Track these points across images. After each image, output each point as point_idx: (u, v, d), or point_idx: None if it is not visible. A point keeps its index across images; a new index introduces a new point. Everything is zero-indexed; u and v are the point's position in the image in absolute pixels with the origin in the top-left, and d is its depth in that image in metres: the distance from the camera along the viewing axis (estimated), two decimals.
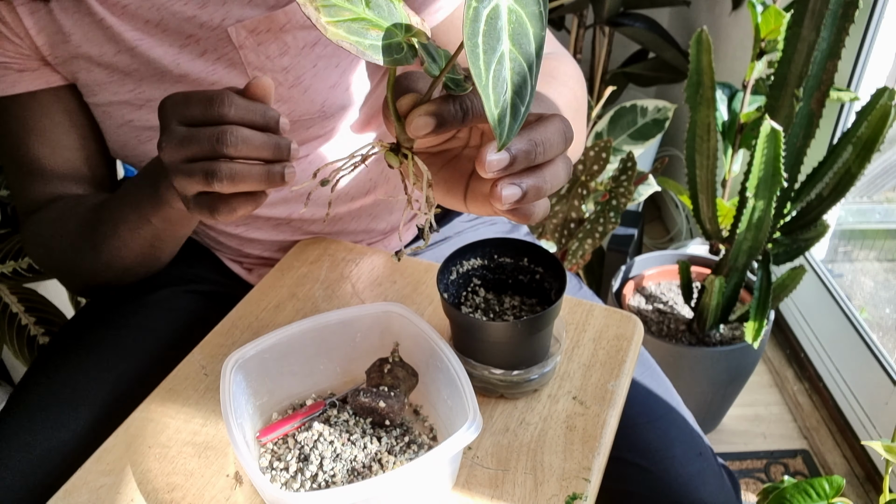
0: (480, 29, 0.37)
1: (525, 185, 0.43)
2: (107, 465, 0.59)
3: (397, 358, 0.61)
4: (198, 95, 0.53)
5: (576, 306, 0.73)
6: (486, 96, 0.37)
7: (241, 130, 0.51)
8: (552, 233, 1.29)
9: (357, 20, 0.42)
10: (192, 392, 0.65)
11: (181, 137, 0.52)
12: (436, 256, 0.89)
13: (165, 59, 0.70)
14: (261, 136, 0.52)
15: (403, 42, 0.43)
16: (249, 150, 0.51)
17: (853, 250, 1.70)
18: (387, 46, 0.42)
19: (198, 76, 0.71)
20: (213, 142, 0.51)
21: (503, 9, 0.38)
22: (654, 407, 0.74)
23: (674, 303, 1.47)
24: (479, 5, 0.37)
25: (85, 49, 0.70)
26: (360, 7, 0.42)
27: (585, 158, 1.21)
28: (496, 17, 0.38)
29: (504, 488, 0.57)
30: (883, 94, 1.02)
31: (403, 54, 0.42)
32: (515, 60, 0.38)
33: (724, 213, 1.31)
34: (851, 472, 1.40)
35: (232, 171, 0.51)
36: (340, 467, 0.56)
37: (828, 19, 0.99)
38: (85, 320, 0.81)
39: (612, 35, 1.83)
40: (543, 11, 0.40)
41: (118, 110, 0.73)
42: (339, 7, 0.42)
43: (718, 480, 0.75)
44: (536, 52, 0.39)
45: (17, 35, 0.70)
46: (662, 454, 0.72)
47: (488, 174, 0.42)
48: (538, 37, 0.39)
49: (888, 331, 1.50)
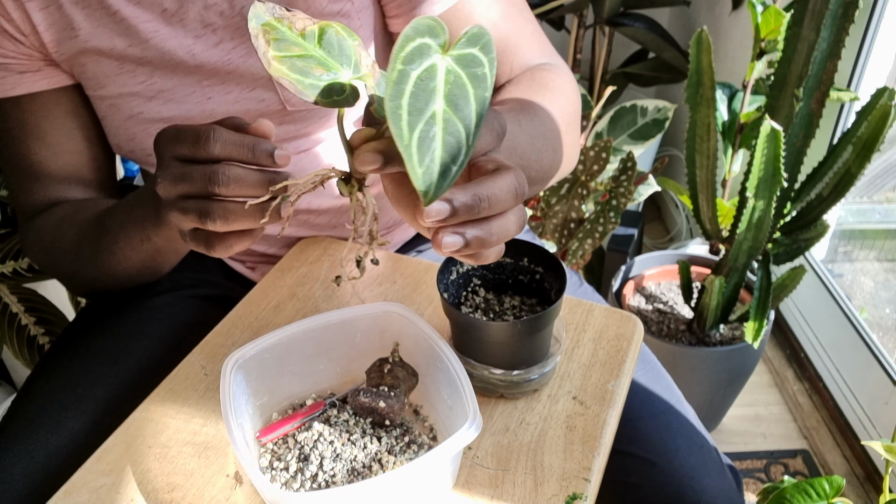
0: (406, 90, 0.37)
1: (469, 236, 0.42)
2: (107, 465, 0.59)
3: (397, 358, 0.61)
4: (186, 132, 0.52)
5: (576, 306, 0.73)
6: (409, 156, 0.37)
7: (233, 169, 0.50)
8: (552, 233, 1.29)
9: (303, 57, 0.42)
10: (192, 392, 0.65)
11: (175, 175, 0.52)
12: (437, 256, 0.89)
13: (180, 51, 0.70)
14: (253, 174, 0.51)
15: (346, 85, 0.43)
16: (242, 189, 0.50)
17: (853, 250, 1.71)
18: (328, 88, 0.42)
19: (214, 65, 0.71)
20: (205, 181, 0.50)
21: (440, 70, 0.38)
22: (655, 402, 0.75)
23: (674, 303, 1.47)
24: (405, 68, 0.37)
25: (94, 43, 0.70)
26: (311, 44, 0.43)
27: (585, 158, 1.21)
28: (430, 77, 0.38)
29: (504, 488, 0.57)
30: (883, 93, 1.02)
31: (345, 96, 0.43)
32: (450, 121, 0.38)
33: (724, 213, 1.31)
34: (851, 472, 1.40)
35: (225, 211, 0.51)
36: (340, 467, 0.56)
37: (828, 19, 0.99)
38: (86, 323, 0.81)
39: (612, 35, 1.83)
40: (489, 73, 0.40)
41: (127, 102, 0.72)
42: (290, 42, 0.42)
43: (720, 473, 0.75)
44: (478, 113, 0.39)
45: (21, 33, 0.70)
46: (665, 446, 0.72)
47: (426, 223, 0.41)
48: (480, 98, 0.39)
49: (888, 331, 1.50)
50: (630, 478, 0.72)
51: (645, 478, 0.71)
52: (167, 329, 0.79)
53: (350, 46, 0.44)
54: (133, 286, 0.79)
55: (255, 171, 0.51)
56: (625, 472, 0.71)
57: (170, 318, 0.80)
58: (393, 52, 0.38)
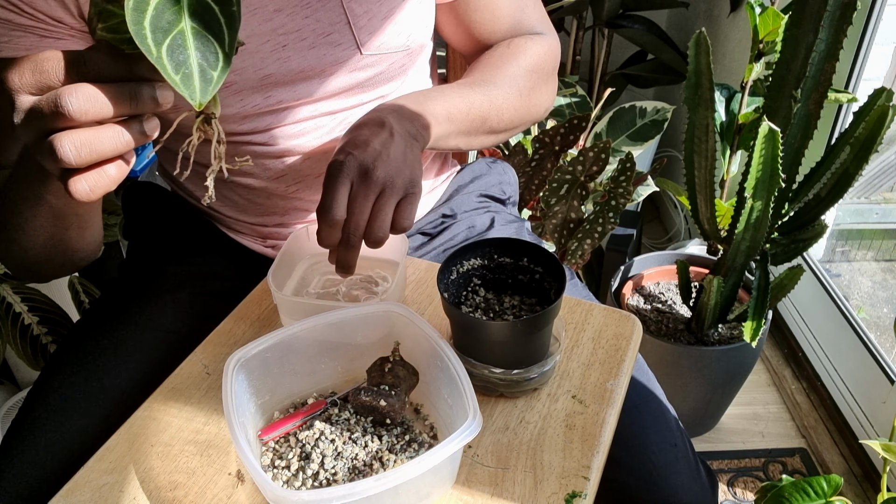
0: (147, 14, 0.41)
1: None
2: (109, 464, 0.60)
3: (398, 357, 0.62)
4: (39, 59, 0.45)
5: (575, 306, 0.74)
6: (162, 67, 0.41)
7: (83, 87, 0.43)
8: (551, 233, 1.29)
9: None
10: (195, 391, 0.66)
11: (26, 111, 0.45)
12: (437, 256, 0.90)
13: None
14: (111, 88, 0.44)
15: None
16: (99, 109, 0.43)
17: (851, 250, 1.71)
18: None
19: (292, 8, 0.72)
20: (51, 106, 0.43)
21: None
22: (630, 395, 0.74)
23: (672, 302, 1.48)
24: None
25: None
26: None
27: (585, 159, 1.22)
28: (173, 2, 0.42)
29: (504, 486, 0.57)
30: (880, 94, 1.03)
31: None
32: (199, 33, 0.42)
33: (723, 213, 1.32)
34: (849, 470, 1.40)
35: (76, 142, 0.44)
36: (341, 466, 0.57)
37: (826, 21, 0.99)
38: (95, 321, 0.81)
39: (611, 37, 1.84)
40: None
41: None
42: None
43: (693, 473, 0.75)
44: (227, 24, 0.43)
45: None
46: (635, 440, 0.72)
47: None
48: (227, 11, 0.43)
49: (885, 330, 1.51)
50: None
51: (614, 470, 0.70)
52: (173, 324, 0.79)
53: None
54: (53, 271, 0.73)
55: (111, 85, 0.44)
56: None
57: (177, 314, 0.80)
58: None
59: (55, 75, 0.44)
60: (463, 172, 0.97)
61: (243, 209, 0.86)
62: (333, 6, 0.73)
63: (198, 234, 0.89)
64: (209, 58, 0.42)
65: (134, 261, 0.91)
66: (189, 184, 0.88)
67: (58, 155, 0.44)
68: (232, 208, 0.86)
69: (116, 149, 0.45)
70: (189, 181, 0.88)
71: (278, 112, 0.77)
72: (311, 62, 0.75)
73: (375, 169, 0.62)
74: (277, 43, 0.72)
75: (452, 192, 0.95)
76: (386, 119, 0.67)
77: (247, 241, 0.88)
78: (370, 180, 0.62)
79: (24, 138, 0.47)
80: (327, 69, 0.76)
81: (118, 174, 0.47)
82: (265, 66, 0.73)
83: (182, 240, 0.89)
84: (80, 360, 0.75)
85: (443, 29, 0.87)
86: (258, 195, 0.84)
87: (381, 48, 0.77)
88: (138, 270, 0.87)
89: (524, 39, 0.86)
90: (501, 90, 0.80)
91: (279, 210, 0.85)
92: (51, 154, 0.44)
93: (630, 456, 0.71)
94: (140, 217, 0.94)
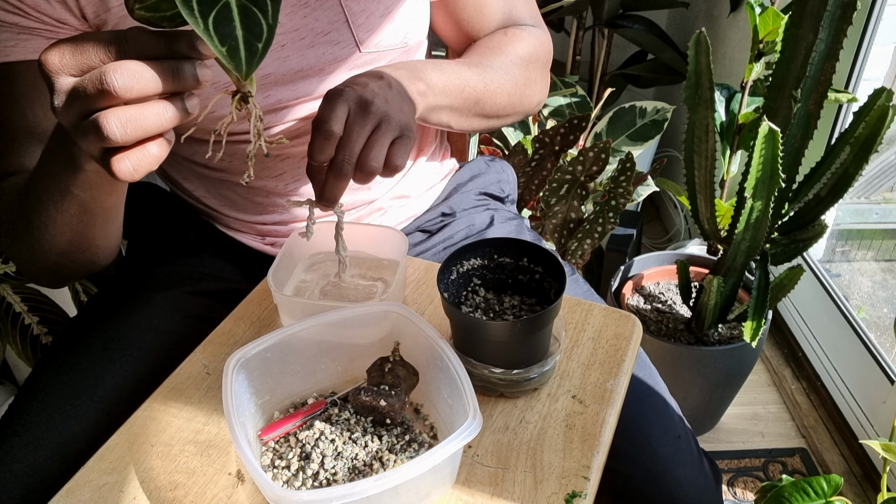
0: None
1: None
2: (109, 464, 0.60)
3: (398, 357, 0.62)
4: (88, 37, 0.45)
5: (575, 306, 0.74)
6: (209, 39, 0.41)
7: (127, 64, 0.44)
8: (551, 233, 1.29)
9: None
10: (195, 391, 0.66)
11: (68, 92, 0.45)
12: (437, 256, 0.90)
13: None
14: (154, 65, 0.44)
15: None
16: (143, 86, 0.44)
17: (851, 250, 1.71)
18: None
19: (291, 6, 0.72)
20: (96, 87, 0.44)
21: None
22: (634, 388, 0.74)
23: (672, 302, 1.48)
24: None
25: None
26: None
27: (585, 159, 1.22)
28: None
29: (504, 486, 0.57)
30: (880, 94, 1.03)
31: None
32: (243, 6, 0.42)
33: (723, 213, 1.32)
34: (849, 470, 1.41)
35: (122, 118, 0.44)
36: (341, 465, 0.57)
37: (826, 21, 0.99)
38: (88, 319, 0.81)
39: (611, 37, 1.84)
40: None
41: None
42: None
43: (696, 465, 0.75)
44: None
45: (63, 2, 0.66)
46: (639, 432, 0.72)
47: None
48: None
49: (885, 330, 1.51)
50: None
51: (617, 462, 0.70)
52: (170, 322, 0.79)
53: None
54: (75, 270, 0.73)
55: (155, 63, 0.44)
56: None
57: (174, 312, 0.80)
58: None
59: (96, 55, 0.45)
60: (462, 171, 0.97)
61: (242, 208, 0.86)
62: (332, 5, 0.73)
63: (196, 234, 0.89)
64: (254, 29, 0.42)
65: (131, 260, 0.91)
66: (188, 184, 0.88)
67: (104, 132, 0.44)
68: (231, 207, 0.87)
69: (161, 125, 0.46)
70: (188, 181, 0.88)
71: (278, 111, 0.77)
72: (311, 61, 0.75)
73: (374, 103, 0.62)
74: (276, 42, 0.73)
75: (451, 191, 0.95)
76: (384, 73, 0.67)
77: (246, 239, 0.88)
78: (368, 111, 0.61)
79: (65, 121, 0.47)
80: (326, 67, 0.76)
81: (160, 153, 0.47)
82: (264, 66, 0.73)
83: (180, 239, 0.89)
84: (72, 358, 0.75)
85: (435, 25, 0.87)
86: (257, 194, 0.84)
87: (380, 46, 0.77)
88: (134, 270, 0.88)
89: (518, 29, 0.87)
90: (497, 74, 0.81)
91: (278, 208, 0.85)
92: (96, 133, 0.45)
93: (633, 448, 0.71)
94: (139, 217, 0.94)
